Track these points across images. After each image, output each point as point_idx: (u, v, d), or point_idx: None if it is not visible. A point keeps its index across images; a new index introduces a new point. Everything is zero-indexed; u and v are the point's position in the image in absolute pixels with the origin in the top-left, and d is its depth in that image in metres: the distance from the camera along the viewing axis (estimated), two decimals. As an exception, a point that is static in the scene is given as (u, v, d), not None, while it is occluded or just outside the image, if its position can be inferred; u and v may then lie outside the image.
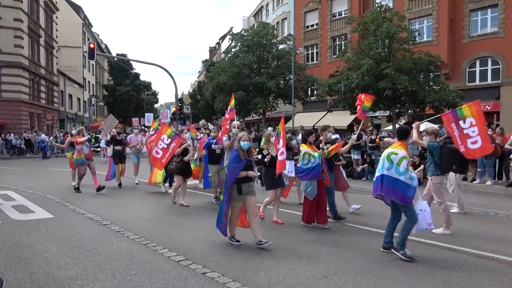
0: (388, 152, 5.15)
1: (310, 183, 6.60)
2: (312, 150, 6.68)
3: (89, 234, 6.11)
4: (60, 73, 39.59)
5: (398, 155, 5.01)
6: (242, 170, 5.37)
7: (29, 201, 8.85)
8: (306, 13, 32.73)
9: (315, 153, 6.61)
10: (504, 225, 7.16)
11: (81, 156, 10.06)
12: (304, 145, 6.81)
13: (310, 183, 6.59)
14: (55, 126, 35.35)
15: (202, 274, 4.40)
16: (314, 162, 6.54)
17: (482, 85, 23.06)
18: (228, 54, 31.09)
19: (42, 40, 34.02)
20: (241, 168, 5.37)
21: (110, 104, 54.47)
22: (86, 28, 51.78)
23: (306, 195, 6.69)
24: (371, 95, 8.72)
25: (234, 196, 5.41)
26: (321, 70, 29.44)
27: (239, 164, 5.40)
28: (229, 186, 5.39)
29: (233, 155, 5.57)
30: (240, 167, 5.38)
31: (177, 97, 23.20)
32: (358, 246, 5.63)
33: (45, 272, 4.42)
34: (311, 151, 6.65)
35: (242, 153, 5.46)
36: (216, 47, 71.74)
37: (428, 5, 24.50)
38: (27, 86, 30.15)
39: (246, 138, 5.59)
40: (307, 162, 6.59)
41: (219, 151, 8.64)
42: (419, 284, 4.19)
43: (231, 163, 5.54)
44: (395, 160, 5.01)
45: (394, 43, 18.16)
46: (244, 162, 5.42)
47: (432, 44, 23.26)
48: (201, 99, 46.94)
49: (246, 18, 49.04)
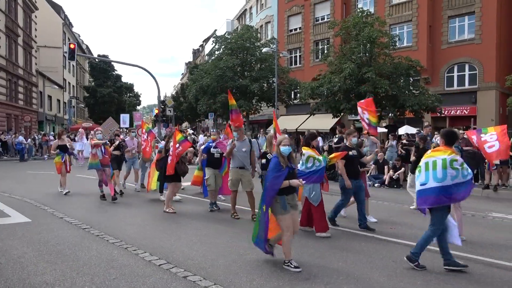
0: (447, 161, 4.61)
1: (313, 188, 6.38)
2: (315, 153, 6.44)
3: (68, 238, 5.98)
4: (39, 73, 38.67)
5: (459, 161, 4.66)
6: (284, 179, 4.64)
7: (4, 205, 8.58)
8: (289, 17, 33.00)
9: (320, 157, 6.39)
10: (480, 227, 7.35)
11: (95, 161, 9.28)
12: (307, 148, 6.54)
13: (314, 188, 6.38)
14: (34, 128, 34.48)
15: (183, 277, 4.36)
16: (319, 166, 6.31)
17: (459, 90, 23.71)
18: (212, 57, 31.04)
19: (20, 40, 33.20)
20: (283, 177, 4.64)
21: (91, 106, 53.57)
22: (67, 28, 50.82)
23: (311, 201, 6.42)
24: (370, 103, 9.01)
25: (279, 211, 4.68)
26: (304, 74, 29.70)
27: (280, 173, 4.65)
28: (270, 199, 4.66)
29: (273, 163, 4.77)
30: (282, 176, 4.64)
31: (159, 99, 23.01)
32: (339, 248, 5.68)
33: (20, 278, 4.30)
34: (315, 154, 6.41)
35: (282, 159, 4.72)
36: (199, 50, 71.49)
37: (408, 11, 25.07)
38: (4, 86, 29.36)
39: (287, 142, 4.79)
40: (311, 165, 6.34)
41: (218, 155, 8.34)
42: (399, 285, 4.26)
43: (270, 172, 4.73)
44: (458, 165, 4.63)
45: (375, 47, 18.51)
46: (286, 171, 4.68)
47: (412, 49, 23.80)
48: (184, 102, 46.71)
49: (230, 21, 49.07)
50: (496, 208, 9.28)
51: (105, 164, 9.37)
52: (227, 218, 7.62)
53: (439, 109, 19.46)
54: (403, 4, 25.48)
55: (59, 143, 10.67)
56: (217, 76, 26.03)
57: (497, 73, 22.61)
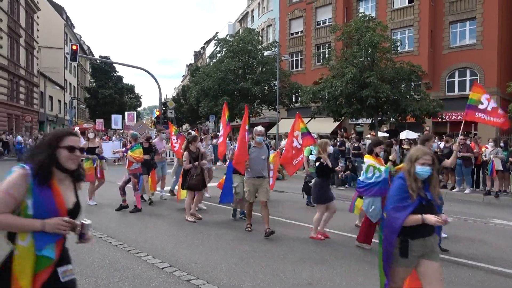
0: None
1: (373, 202, 5.72)
2: (378, 162, 5.83)
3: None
4: (40, 74, 38.75)
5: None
6: (412, 213, 2.96)
7: (6, 206, 8.57)
8: (291, 20, 33.08)
9: (382, 167, 5.76)
10: (482, 233, 7.35)
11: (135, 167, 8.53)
12: (369, 156, 5.96)
13: (374, 202, 5.72)
14: (35, 128, 34.51)
15: (187, 281, 4.36)
16: (379, 177, 5.69)
17: (461, 95, 23.71)
18: (213, 59, 31.10)
19: (22, 40, 33.28)
20: (409, 210, 2.97)
21: (92, 107, 53.63)
22: (68, 29, 50.96)
23: (369, 216, 5.80)
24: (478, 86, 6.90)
25: (396, 259, 3.05)
26: (305, 77, 29.74)
27: (406, 204, 2.99)
28: (390, 240, 3.04)
29: (396, 187, 3.12)
30: (408, 209, 2.97)
31: (161, 101, 23.05)
32: (342, 254, 5.68)
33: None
34: (377, 163, 5.80)
35: (414, 184, 3.02)
36: (201, 52, 71.63)
37: (409, 16, 25.15)
38: (5, 86, 29.40)
39: (428, 160, 3.04)
40: (372, 176, 5.74)
41: None
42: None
43: (390, 200, 3.11)
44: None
45: (377, 52, 18.55)
46: (415, 202, 2.99)
47: (414, 54, 23.85)
48: (185, 103, 46.72)
49: (231, 23, 49.21)
50: (498, 214, 9.28)
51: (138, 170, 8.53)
52: (229, 222, 7.63)
53: (440, 114, 19.48)
54: (405, 9, 25.56)
55: (89, 145, 9.15)
56: (219, 79, 26.07)
57: (498, 79, 22.64)
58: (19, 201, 2.02)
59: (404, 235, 3.00)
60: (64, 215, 2.11)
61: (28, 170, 2.05)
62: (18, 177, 2.03)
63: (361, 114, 19.20)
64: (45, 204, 2.05)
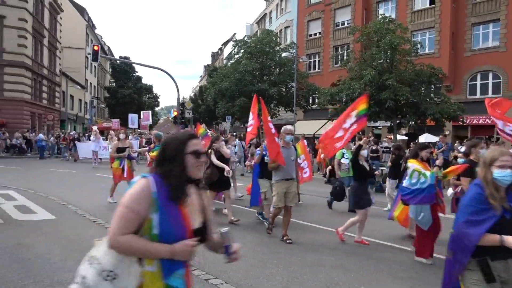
0: None
1: (421, 209, 5.37)
2: (423, 167, 5.48)
3: (92, 237, 6.09)
4: (62, 73, 39.70)
5: None
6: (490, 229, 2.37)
7: (30, 202, 8.85)
8: (309, 22, 32.98)
9: (427, 172, 5.38)
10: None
11: None
12: (413, 160, 5.61)
13: (422, 209, 5.36)
14: (56, 127, 35.38)
15: (205, 280, 4.42)
16: (424, 183, 5.32)
17: (483, 99, 23.02)
18: (231, 60, 31.27)
19: (45, 41, 34.16)
20: (488, 225, 2.38)
21: (111, 106, 54.58)
22: (90, 29, 52.02)
23: (419, 224, 5.48)
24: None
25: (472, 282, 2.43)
26: (323, 79, 29.60)
27: (484, 217, 2.42)
28: (460, 261, 2.47)
29: (470, 195, 2.56)
30: (486, 223, 2.39)
31: (179, 101, 23.31)
32: (360, 257, 5.65)
33: (48, 274, 4.44)
34: (422, 168, 5.44)
35: (494, 193, 2.45)
36: (218, 53, 72.09)
37: (430, 17, 24.75)
38: (29, 86, 30.23)
39: (509, 160, 2.47)
40: (416, 181, 5.40)
41: None
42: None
43: (463, 210, 2.54)
44: None
45: (396, 54, 18.33)
46: (495, 215, 2.40)
47: (434, 57, 23.45)
48: (202, 104, 47.12)
49: (249, 24, 49.34)
50: None
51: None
52: (248, 224, 7.64)
53: (461, 118, 19.11)
54: (426, 11, 25.16)
55: (119, 145, 9.33)
56: (236, 80, 26.21)
57: (522, 82, 22.06)
58: (143, 218, 1.73)
59: (480, 254, 2.36)
60: (190, 236, 1.81)
61: (152, 181, 1.77)
62: (141, 189, 1.75)
63: (380, 117, 19.00)
64: (172, 223, 1.76)
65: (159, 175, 1.80)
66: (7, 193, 9.97)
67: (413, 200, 5.41)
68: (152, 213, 1.74)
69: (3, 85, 28.32)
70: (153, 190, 1.75)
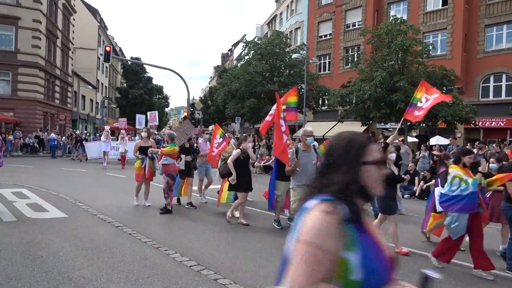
0: None
1: (458, 218, 5.06)
2: (465, 173, 5.18)
3: (102, 235, 6.19)
4: (74, 74, 40.25)
5: None
6: None
7: (43, 200, 8.98)
8: (319, 23, 32.89)
9: (469, 179, 5.10)
10: None
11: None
12: (455, 166, 5.31)
13: (458, 218, 5.06)
14: (68, 126, 35.86)
15: (214, 280, 4.44)
16: (465, 190, 5.04)
17: (495, 101, 22.88)
18: (241, 61, 31.35)
19: (58, 41, 34.67)
20: None
21: (122, 106, 55.10)
22: (102, 30, 52.62)
23: (449, 231, 5.20)
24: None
25: None
26: (333, 80, 29.49)
27: None
28: None
29: None
30: None
31: (189, 102, 23.43)
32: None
33: (60, 271, 4.50)
34: (464, 174, 5.15)
35: None
36: (228, 54, 72.33)
37: (443, 19, 24.48)
38: (42, 86, 30.68)
39: None
40: (456, 188, 5.12)
41: None
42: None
43: None
44: None
45: (408, 56, 18.18)
46: None
47: (446, 58, 23.19)
48: (212, 105, 47.31)
49: (259, 26, 49.39)
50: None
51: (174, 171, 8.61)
52: (254, 223, 7.66)
53: (473, 120, 18.87)
54: (438, 12, 24.90)
55: (141, 143, 9.28)
56: (246, 81, 26.28)
57: (536, 85, 21.69)
58: (333, 260, 1.23)
59: None
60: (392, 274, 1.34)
61: (340, 209, 1.27)
62: (327, 220, 1.24)
63: (390, 119, 18.86)
64: (374, 261, 1.27)
65: (335, 195, 1.31)
66: (20, 191, 10.14)
67: (452, 208, 5.13)
68: (346, 250, 1.24)
69: (17, 85, 28.80)
70: (345, 217, 1.27)
